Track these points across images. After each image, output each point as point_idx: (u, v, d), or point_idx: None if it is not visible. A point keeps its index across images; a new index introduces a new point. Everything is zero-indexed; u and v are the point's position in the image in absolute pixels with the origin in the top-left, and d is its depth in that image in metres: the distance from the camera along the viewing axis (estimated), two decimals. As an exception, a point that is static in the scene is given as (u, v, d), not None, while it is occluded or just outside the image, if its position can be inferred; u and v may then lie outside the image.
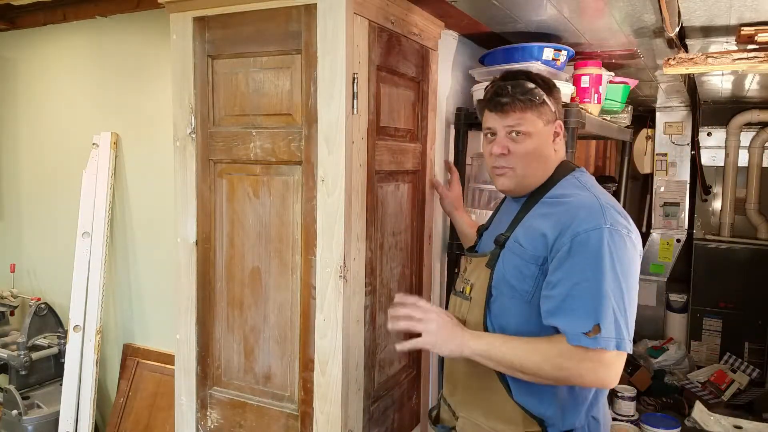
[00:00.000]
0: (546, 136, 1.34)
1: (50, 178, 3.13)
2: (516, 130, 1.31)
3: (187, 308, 1.63)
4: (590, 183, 1.35)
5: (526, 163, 1.33)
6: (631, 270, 1.21)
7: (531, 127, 1.31)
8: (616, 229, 1.20)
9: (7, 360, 2.81)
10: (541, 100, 1.31)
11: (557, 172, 1.36)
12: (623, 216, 1.26)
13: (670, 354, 3.22)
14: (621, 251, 1.20)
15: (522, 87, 1.31)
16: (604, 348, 1.15)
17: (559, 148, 1.38)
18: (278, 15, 1.42)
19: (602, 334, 1.15)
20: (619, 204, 1.32)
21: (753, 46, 1.79)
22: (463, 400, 1.42)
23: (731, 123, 3.52)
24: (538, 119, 1.32)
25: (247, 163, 1.51)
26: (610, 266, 1.18)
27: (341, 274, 1.38)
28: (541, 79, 1.35)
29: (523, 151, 1.32)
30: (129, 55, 2.78)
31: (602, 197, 1.29)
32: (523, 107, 1.30)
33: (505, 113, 1.32)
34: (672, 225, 3.70)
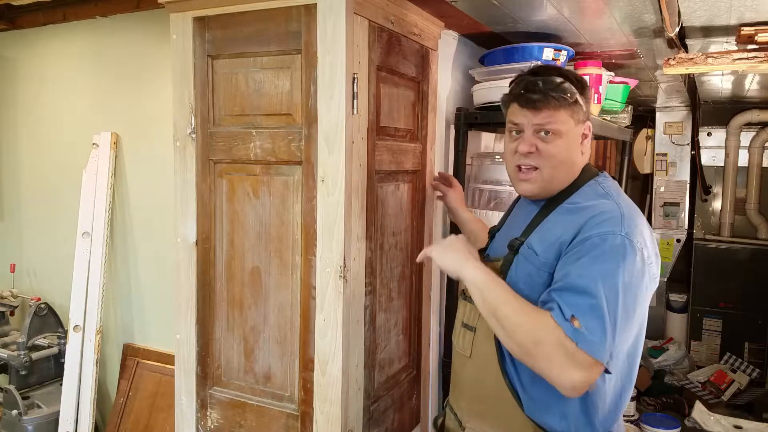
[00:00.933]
0: (575, 137, 1.27)
1: (50, 178, 3.13)
2: (546, 129, 1.23)
3: (187, 308, 1.63)
4: (613, 189, 1.28)
5: (553, 165, 1.25)
6: (632, 285, 1.13)
7: (562, 127, 1.23)
8: (631, 240, 1.13)
9: (7, 360, 2.81)
10: (574, 98, 1.24)
11: (581, 177, 1.29)
12: (643, 227, 1.19)
13: (670, 354, 3.22)
14: (630, 263, 1.12)
15: (555, 84, 1.23)
16: (576, 342, 1.07)
17: (586, 151, 1.31)
18: (278, 15, 1.42)
19: (582, 332, 1.08)
20: (643, 217, 1.24)
21: (753, 46, 1.79)
22: (469, 410, 1.36)
23: (731, 123, 3.52)
24: (570, 118, 1.24)
25: (247, 163, 1.51)
26: (612, 273, 1.11)
27: (341, 274, 1.38)
28: (574, 77, 1.28)
29: (552, 151, 1.24)
30: (129, 55, 2.78)
31: (624, 206, 1.21)
32: (557, 105, 1.23)
33: (536, 110, 1.23)
34: (672, 225, 3.70)
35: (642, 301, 1.17)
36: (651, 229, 1.24)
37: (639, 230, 1.17)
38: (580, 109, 1.26)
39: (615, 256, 1.12)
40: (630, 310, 1.13)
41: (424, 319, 1.85)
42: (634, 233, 1.15)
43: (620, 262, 1.12)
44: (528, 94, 1.24)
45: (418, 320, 1.83)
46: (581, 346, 1.07)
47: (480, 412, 1.32)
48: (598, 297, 1.09)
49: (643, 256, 1.15)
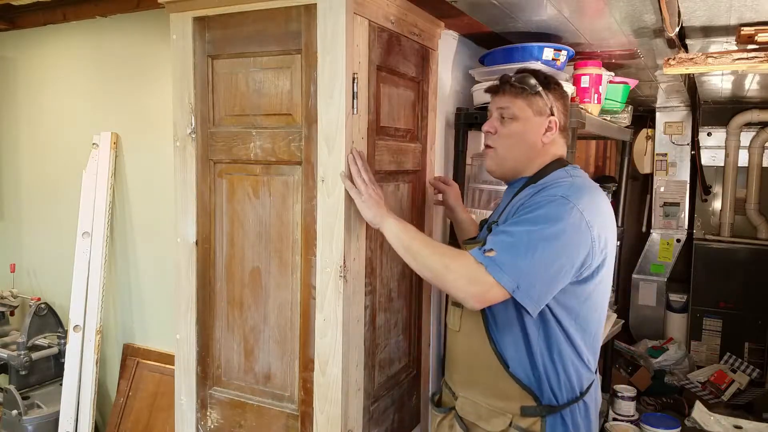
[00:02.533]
0: (535, 125, 1.42)
1: (50, 178, 3.13)
2: (503, 113, 1.43)
3: (187, 308, 1.63)
4: (577, 173, 1.42)
5: (507, 145, 1.43)
6: (561, 238, 1.25)
7: (519, 113, 1.41)
8: (568, 200, 1.28)
9: (7, 360, 2.81)
10: (535, 91, 1.41)
11: (550, 165, 1.43)
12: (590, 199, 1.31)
13: (670, 354, 3.23)
14: (563, 219, 1.26)
15: (521, 78, 1.42)
16: (485, 266, 1.24)
17: (550, 143, 1.44)
18: (278, 15, 1.42)
19: (494, 258, 1.24)
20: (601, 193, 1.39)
21: (753, 46, 1.79)
22: (461, 380, 1.49)
23: (731, 123, 3.52)
24: (528, 107, 1.41)
25: (247, 163, 1.51)
26: (541, 222, 1.26)
27: (341, 274, 1.38)
28: (543, 76, 1.44)
29: (506, 132, 1.43)
30: (129, 55, 2.78)
31: (579, 181, 1.37)
32: (515, 93, 1.42)
33: (498, 96, 1.45)
34: (672, 225, 3.71)
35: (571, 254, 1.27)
36: (608, 205, 1.39)
37: (586, 198, 1.31)
38: (540, 101, 1.42)
39: (549, 211, 1.28)
40: (553, 255, 1.25)
41: (424, 319, 1.85)
42: (576, 197, 1.29)
43: (553, 215, 1.27)
44: (496, 84, 1.47)
45: (418, 320, 1.83)
46: (489, 269, 1.24)
47: (471, 381, 1.46)
48: (516, 236, 1.26)
49: (582, 216, 1.27)
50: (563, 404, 1.38)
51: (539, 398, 1.37)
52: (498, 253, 1.25)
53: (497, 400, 1.40)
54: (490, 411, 1.40)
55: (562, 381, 1.37)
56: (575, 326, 1.36)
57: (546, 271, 1.25)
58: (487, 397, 1.41)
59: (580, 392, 1.41)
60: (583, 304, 1.36)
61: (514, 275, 1.23)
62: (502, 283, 1.23)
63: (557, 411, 1.37)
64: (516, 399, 1.37)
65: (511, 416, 1.38)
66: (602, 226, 1.32)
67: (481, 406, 1.42)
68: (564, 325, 1.34)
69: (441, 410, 1.55)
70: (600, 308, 1.42)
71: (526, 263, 1.23)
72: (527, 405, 1.37)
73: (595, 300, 1.38)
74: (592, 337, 1.42)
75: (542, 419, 1.36)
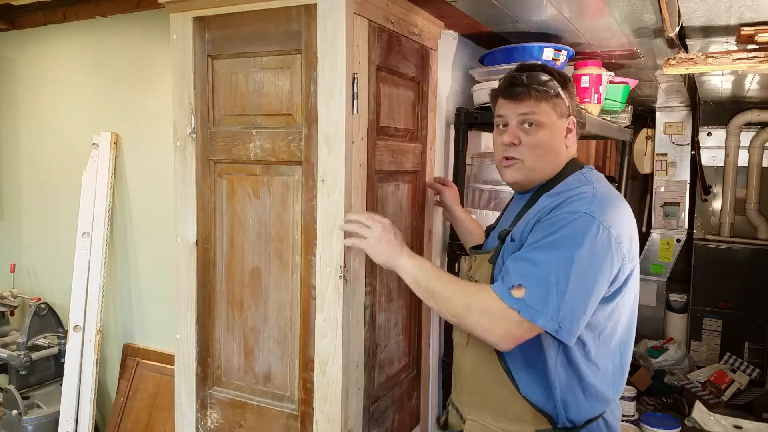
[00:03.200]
0: (558, 130, 1.33)
1: (50, 178, 3.13)
2: (529, 120, 1.30)
3: (187, 308, 1.63)
4: (596, 178, 1.33)
5: (536, 155, 1.31)
6: (592, 261, 1.16)
7: (544, 118, 1.30)
8: (594, 217, 1.18)
9: (7, 360, 2.81)
10: (556, 92, 1.30)
11: (566, 168, 1.34)
12: (614, 212, 1.22)
13: (670, 354, 3.22)
14: (589, 238, 1.16)
15: (537, 78, 1.30)
16: (517, 310, 1.14)
17: (571, 145, 1.37)
18: (278, 15, 1.42)
19: (525, 299, 1.14)
20: (622, 199, 1.30)
21: (753, 46, 1.79)
22: (470, 402, 1.41)
23: (731, 123, 3.52)
24: (552, 111, 1.31)
25: (247, 163, 1.51)
26: (569, 246, 1.15)
27: (341, 274, 1.38)
28: (557, 73, 1.35)
29: (534, 142, 1.31)
30: (129, 55, 2.78)
31: (600, 190, 1.27)
32: (538, 97, 1.29)
33: (519, 101, 1.31)
34: (672, 225, 3.70)
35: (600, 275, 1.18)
36: (631, 214, 1.29)
37: (610, 211, 1.21)
38: (563, 103, 1.32)
39: (574, 231, 1.17)
40: (588, 283, 1.16)
41: (424, 319, 1.85)
42: (601, 212, 1.19)
43: (580, 237, 1.16)
44: (512, 87, 1.32)
45: (418, 320, 1.83)
46: (517, 309, 1.14)
47: (480, 404, 1.37)
48: (544, 267, 1.15)
49: (610, 234, 1.18)
50: (581, 425, 1.28)
51: (555, 422, 1.27)
52: (528, 291, 1.14)
53: (509, 423, 1.30)
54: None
55: (582, 405, 1.27)
56: (605, 346, 1.27)
57: (583, 300, 1.16)
58: (499, 420, 1.32)
59: (602, 412, 1.31)
60: (608, 318, 1.26)
61: (553, 315, 1.13)
62: (539, 325, 1.14)
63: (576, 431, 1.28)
64: (530, 422, 1.27)
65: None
66: (630, 238, 1.24)
67: (491, 430, 1.33)
68: (586, 342, 1.23)
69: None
70: (626, 320, 1.31)
71: (561, 299, 1.13)
72: (542, 429, 1.27)
73: (630, 311, 1.30)
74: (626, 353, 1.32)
75: None
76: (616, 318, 1.28)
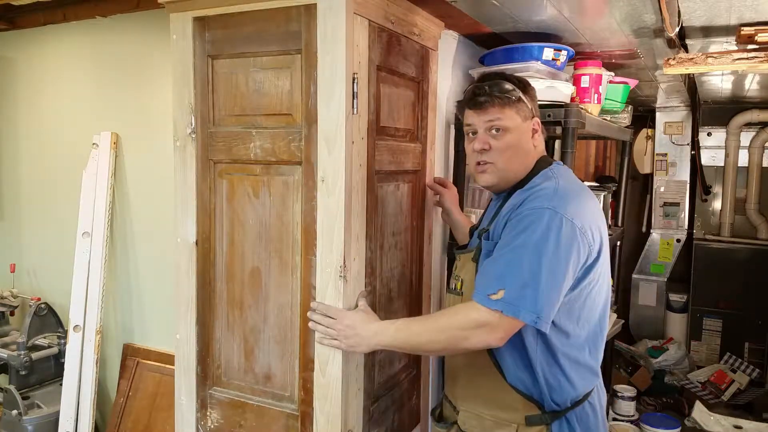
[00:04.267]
0: (524, 131, 1.41)
1: (50, 178, 3.13)
2: (495, 126, 1.39)
3: (187, 308, 1.63)
4: (560, 173, 1.42)
5: (506, 157, 1.40)
6: (559, 253, 1.25)
7: (509, 123, 1.39)
8: (556, 212, 1.26)
9: (7, 360, 2.81)
10: (517, 97, 1.39)
11: (536, 166, 1.42)
12: (577, 204, 1.31)
13: (670, 354, 3.23)
14: (554, 232, 1.25)
15: (499, 86, 1.39)
16: (501, 311, 1.23)
17: (538, 144, 1.45)
18: (278, 15, 1.42)
19: (504, 298, 1.23)
20: (586, 193, 1.39)
21: (753, 46, 1.79)
22: (462, 394, 1.47)
23: (731, 123, 3.52)
24: (516, 115, 1.39)
25: (247, 163, 1.51)
26: (536, 240, 1.25)
27: (341, 274, 1.38)
28: (516, 79, 1.43)
29: (503, 145, 1.39)
30: (129, 55, 2.78)
31: (562, 185, 1.35)
32: (501, 104, 1.38)
33: (484, 110, 1.39)
34: (672, 225, 3.71)
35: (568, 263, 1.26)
36: (595, 205, 1.39)
37: (573, 203, 1.30)
38: (525, 106, 1.40)
39: (540, 227, 1.25)
40: (558, 274, 1.25)
41: (424, 319, 1.85)
42: (563, 206, 1.28)
43: (545, 232, 1.25)
44: (477, 97, 1.40)
45: (418, 320, 1.83)
46: (500, 309, 1.23)
47: (471, 394, 1.45)
48: (515, 265, 1.25)
49: (574, 225, 1.27)
50: (567, 408, 1.36)
51: (542, 406, 1.35)
52: (507, 291, 1.23)
53: (501, 411, 1.38)
54: (494, 423, 1.39)
55: (564, 386, 1.36)
56: (577, 328, 1.35)
57: (555, 291, 1.25)
58: (490, 409, 1.40)
59: (585, 394, 1.39)
60: (586, 303, 1.35)
61: (531, 308, 1.23)
62: (521, 319, 1.23)
63: (562, 415, 1.35)
64: (520, 410, 1.36)
65: (516, 426, 1.36)
66: (594, 228, 1.32)
67: (484, 418, 1.41)
68: (564, 329, 1.33)
69: (443, 425, 1.53)
70: (600, 306, 1.40)
71: (536, 292, 1.23)
72: (532, 414, 1.35)
73: (594, 298, 1.37)
74: (594, 338, 1.40)
75: (548, 426, 1.34)
76: (590, 305, 1.37)
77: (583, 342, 1.37)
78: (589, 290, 1.35)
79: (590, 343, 1.39)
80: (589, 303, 1.36)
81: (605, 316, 1.44)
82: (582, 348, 1.37)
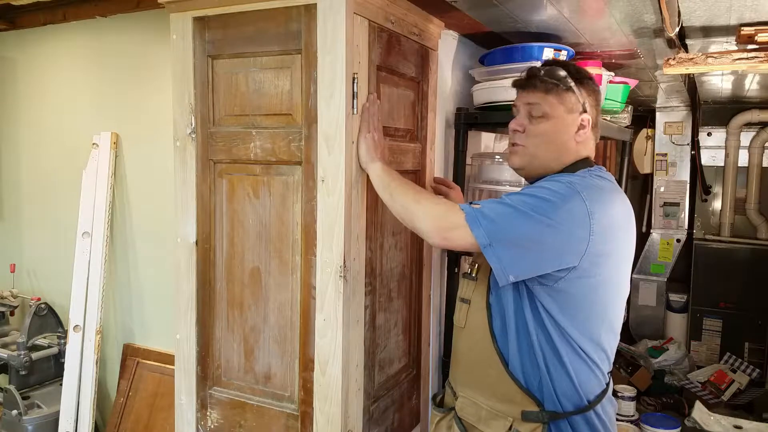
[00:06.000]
0: (566, 124, 1.34)
1: (50, 178, 3.13)
2: (534, 110, 1.34)
3: (187, 308, 1.63)
4: (602, 175, 1.35)
5: (537, 143, 1.35)
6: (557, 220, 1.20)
7: (549, 110, 1.33)
8: (574, 187, 1.23)
9: (7, 360, 2.81)
10: (568, 86, 1.32)
11: (575, 165, 1.36)
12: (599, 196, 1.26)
13: (670, 354, 3.23)
14: (561, 200, 1.21)
15: (551, 71, 1.34)
16: (464, 213, 1.24)
17: (582, 142, 1.37)
18: (278, 15, 1.42)
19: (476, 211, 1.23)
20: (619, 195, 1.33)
21: (753, 46, 1.79)
22: (463, 380, 1.45)
23: (731, 123, 3.52)
24: (560, 104, 1.33)
25: (247, 163, 1.51)
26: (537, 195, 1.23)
27: (341, 274, 1.38)
28: (575, 69, 1.36)
29: (537, 131, 1.34)
30: (129, 55, 2.78)
31: (595, 180, 1.31)
32: (546, 89, 1.33)
33: (527, 91, 1.35)
34: (672, 225, 3.70)
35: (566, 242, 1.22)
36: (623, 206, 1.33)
37: (595, 192, 1.25)
38: (574, 98, 1.34)
39: (551, 188, 1.24)
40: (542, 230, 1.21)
41: (424, 319, 1.85)
42: (585, 190, 1.24)
43: (553, 193, 1.23)
44: (526, 78, 1.37)
45: (418, 320, 1.83)
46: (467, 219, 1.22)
47: (472, 381, 1.42)
48: (507, 203, 1.24)
49: (587, 207, 1.22)
50: (569, 412, 1.30)
51: (542, 403, 1.30)
52: (483, 208, 1.23)
53: (498, 402, 1.35)
54: (490, 413, 1.36)
55: (566, 386, 1.30)
56: (573, 326, 1.28)
57: (527, 242, 1.21)
58: (488, 399, 1.37)
59: (588, 401, 1.33)
60: (580, 301, 1.28)
61: (491, 232, 1.21)
62: (473, 233, 1.22)
63: (562, 418, 1.30)
64: (518, 403, 1.32)
65: (512, 420, 1.32)
66: (610, 222, 1.25)
67: (481, 407, 1.38)
68: (561, 324, 1.28)
69: (440, 410, 1.51)
70: (604, 306, 1.33)
71: (508, 226, 1.21)
72: (529, 410, 1.31)
73: (595, 297, 1.30)
74: (598, 340, 1.33)
75: (544, 426, 1.29)
76: (597, 309, 1.31)
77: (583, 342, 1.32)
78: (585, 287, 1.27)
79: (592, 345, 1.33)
80: (585, 302, 1.30)
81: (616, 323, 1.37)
82: (587, 349, 1.31)
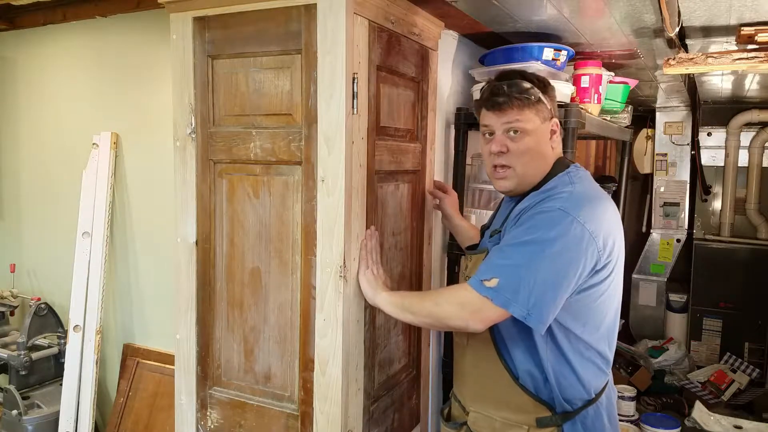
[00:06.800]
0: (543, 133, 1.36)
1: (50, 178, 3.13)
2: (514, 128, 1.34)
3: (187, 308, 1.63)
4: (578, 176, 1.37)
5: (524, 161, 1.35)
6: (563, 254, 1.22)
7: (529, 125, 1.34)
8: (568, 213, 1.24)
9: (7, 360, 2.81)
10: (537, 98, 1.34)
11: (553, 169, 1.38)
12: (591, 209, 1.27)
13: (670, 354, 3.23)
14: (562, 233, 1.22)
15: (518, 86, 1.34)
16: (490, 298, 1.22)
17: (556, 146, 1.42)
18: (278, 15, 1.42)
19: (497, 287, 1.22)
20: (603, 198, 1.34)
21: (753, 46, 1.79)
22: (471, 394, 1.46)
23: (731, 123, 3.51)
24: (536, 117, 1.34)
25: (247, 163, 1.51)
26: (543, 238, 1.22)
27: (341, 274, 1.38)
28: (536, 78, 1.38)
29: (522, 148, 1.35)
30: (129, 55, 2.78)
31: (580, 189, 1.32)
32: (521, 105, 1.33)
33: (502, 111, 1.34)
34: (672, 225, 3.70)
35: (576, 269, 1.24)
36: (613, 213, 1.34)
37: (586, 207, 1.27)
38: (544, 107, 1.36)
39: (547, 226, 1.24)
40: (558, 274, 1.22)
41: (424, 319, 1.85)
42: (576, 209, 1.25)
43: (552, 231, 1.23)
44: (494, 97, 1.35)
45: (418, 320, 1.83)
46: (490, 297, 1.22)
47: (481, 394, 1.43)
48: (516, 259, 1.24)
49: (584, 228, 1.23)
50: (578, 409, 1.34)
51: (553, 408, 1.33)
52: (501, 281, 1.21)
53: (511, 413, 1.36)
54: (505, 424, 1.37)
55: (575, 387, 1.34)
56: (585, 331, 1.32)
57: (552, 291, 1.22)
58: (500, 410, 1.38)
59: (595, 394, 1.37)
60: (593, 308, 1.32)
61: (523, 303, 1.20)
62: (511, 312, 1.22)
63: (573, 416, 1.33)
64: (531, 411, 1.34)
65: (527, 428, 1.34)
66: (607, 233, 1.28)
67: (494, 419, 1.39)
68: (573, 331, 1.31)
69: (452, 425, 1.51)
70: (611, 309, 1.37)
71: (531, 289, 1.20)
72: (542, 416, 1.33)
73: (606, 302, 1.34)
74: (605, 339, 1.38)
75: (559, 428, 1.32)
76: (602, 309, 1.34)
77: (593, 343, 1.35)
78: (597, 296, 1.31)
79: (600, 344, 1.37)
80: (602, 308, 1.33)
81: (616, 323, 1.41)
82: (591, 348, 1.35)
